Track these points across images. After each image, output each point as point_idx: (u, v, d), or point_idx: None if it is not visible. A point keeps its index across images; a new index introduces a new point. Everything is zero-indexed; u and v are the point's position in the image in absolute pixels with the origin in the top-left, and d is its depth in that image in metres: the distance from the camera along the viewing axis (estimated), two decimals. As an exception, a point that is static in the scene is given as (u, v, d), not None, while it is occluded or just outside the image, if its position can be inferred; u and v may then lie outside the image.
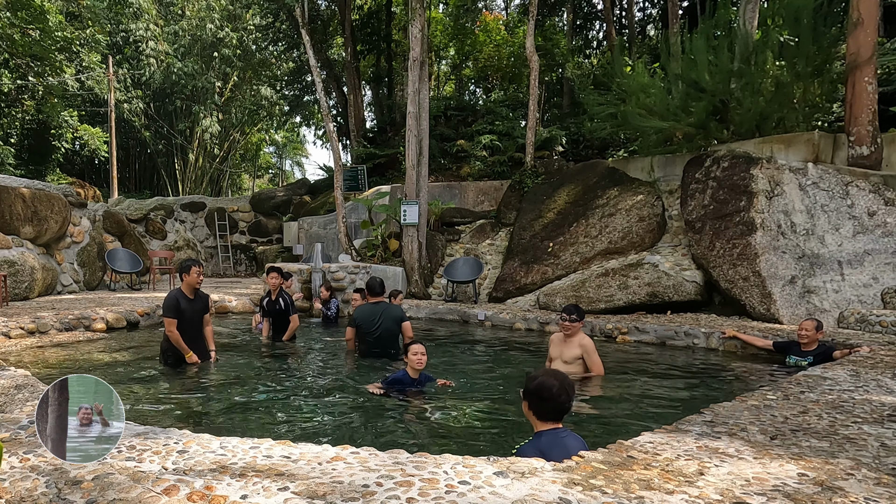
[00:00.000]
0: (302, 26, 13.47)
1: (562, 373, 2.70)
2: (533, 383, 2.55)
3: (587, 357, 4.70)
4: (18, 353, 5.59)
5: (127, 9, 23.32)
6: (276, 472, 2.01)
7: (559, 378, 2.56)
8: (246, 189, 38.13)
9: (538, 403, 2.51)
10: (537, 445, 2.43)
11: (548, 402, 2.48)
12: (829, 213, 7.66)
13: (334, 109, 21.34)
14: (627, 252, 9.26)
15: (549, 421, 2.52)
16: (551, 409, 2.50)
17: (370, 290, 5.91)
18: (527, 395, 2.57)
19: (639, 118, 10.03)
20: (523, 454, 2.33)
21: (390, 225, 12.29)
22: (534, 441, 2.49)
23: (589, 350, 4.70)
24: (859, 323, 6.54)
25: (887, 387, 3.68)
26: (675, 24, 14.15)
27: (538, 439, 2.48)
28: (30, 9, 16.79)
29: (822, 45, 8.43)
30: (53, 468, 2.08)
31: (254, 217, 17.86)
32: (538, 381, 2.54)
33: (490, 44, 22.14)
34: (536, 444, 2.45)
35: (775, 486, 2.01)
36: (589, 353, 4.70)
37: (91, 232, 10.69)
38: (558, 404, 2.48)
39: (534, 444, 2.46)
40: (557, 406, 2.49)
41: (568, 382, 2.55)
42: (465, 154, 15.65)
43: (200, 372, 5.15)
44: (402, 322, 5.78)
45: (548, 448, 2.38)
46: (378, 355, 5.64)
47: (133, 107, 24.13)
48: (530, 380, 2.59)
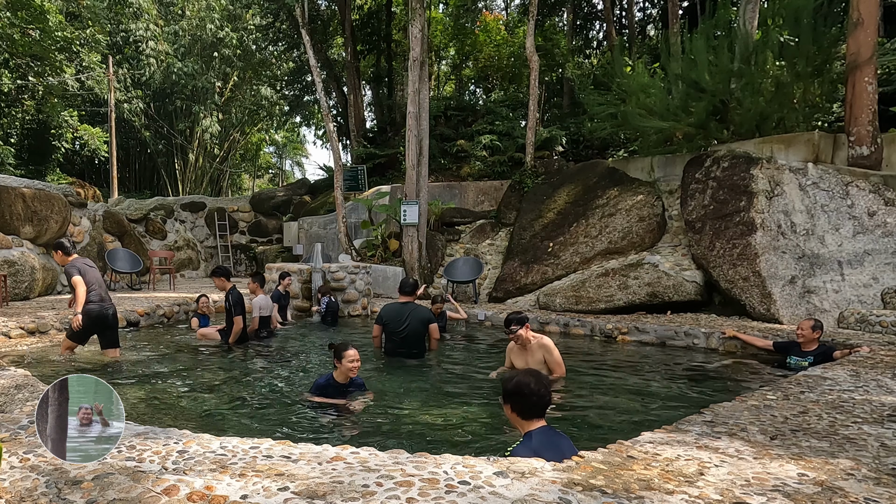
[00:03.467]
0: (302, 26, 13.47)
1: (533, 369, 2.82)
2: (510, 384, 2.63)
3: (548, 357, 4.50)
4: (19, 353, 5.59)
5: (127, 9, 23.30)
6: (276, 472, 2.01)
7: (533, 374, 2.69)
8: (246, 189, 38.11)
9: (520, 402, 2.58)
10: (530, 446, 2.46)
11: (528, 398, 2.55)
12: (829, 213, 7.66)
13: (334, 109, 21.34)
14: (627, 252, 9.26)
15: (533, 418, 2.58)
16: (533, 405, 2.57)
17: (401, 290, 5.88)
18: (508, 398, 2.64)
19: (639, 118, 10.03)
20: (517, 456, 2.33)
21: (390, 225, 12.29)
22: (525, 442, 2.52)
23: (549, 349, 4.50)
24: (859, 323, 6.54)
25: (887, 387, 3.68)
26: (675, 24, 14.15)
27: (529, 440, 2.51)
28: (30, 9, 16.78)
29: (822, 45, 8.43)
30: (53, 468, 2.07)
31: (254, 217, 17.86)
32: (515, 381, 2.63)
33: (490, 44, 22.14)
34: (528, 444, 2.48)
35: (775, 486, 2.01)
36: (549, 352, 4.50)
37: (91, 232, 10.69)
38: (539, 398, 2.56)
39: (526, 444, 2.49)
40: (538, 401, 2.56)
41: (543, 377, 2.68)
42: (465, 154, 15.65)
43: (200, 372, 5.13)
44: (430, 324, 5.77)
45: (541, 447, 2.42)
46: (404, 355, 5.63)
47: (133, 107, 24.11)
48: (506, 383, 2.68)
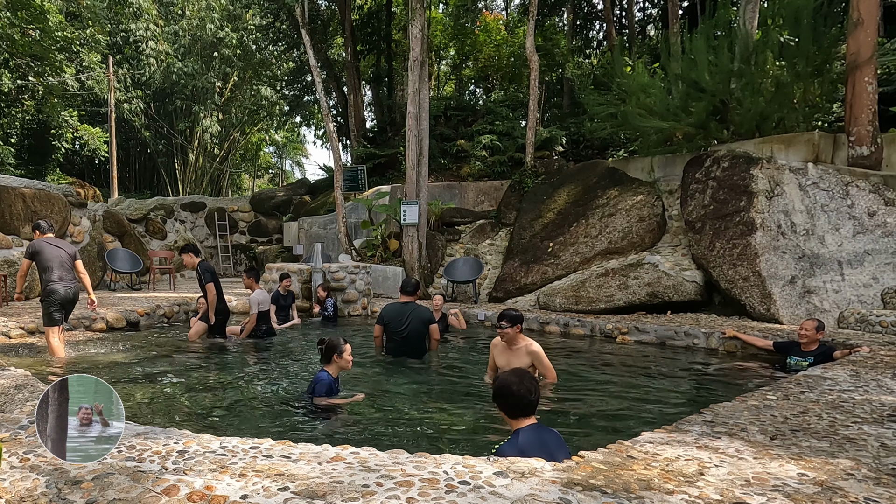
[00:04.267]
0: (302, 26, 13.46)
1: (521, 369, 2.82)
2: (496, 384, 2.68)
3: (538, 364, 4.42)
4: (19, 353, 5.60)
5: (127, 9, 23.29)
6: (276, 472, 2.01)
7: (518, 374, 2.70)
8: (246, 189, 38.11)
9: (504, 402, 2.62)
10: (515, 444, 2.48)
11: (511, 398, 2.58)
12: (829, 213, 7.66)
13: (334, 109, 21.34)
14: (627, 252, 9.26)
15: (520, 417, 2.60)
16: (517, 406, 2.59)
17: (403, 290, 5.86)
18: (495, 399, 2.69)
19: (639, 118, 10.03)
20: (502, 454, 2.38)
21: (390, 225, 12.28)
22: (512, 440, 2.55)
23: (538, 357, 4.42)
24: (859, 323, 6.54)
25: (887, 387, 3.68)
26: (675, 24, 14.15)
27: (516, 438, 2.54)
28: (30, 9, 16.77)
29: (822, 45, 8.43)
30: (53, 468, 2.07)
31: (254, 217, 17.86)
32: (499, 382, 2.67)
33: (490, 44, 22.14)
34: (514, 443, 2.51)
35: (775, 486, 2.01)
36: (539, 359, 4.42)
37: (91, 232, 10.68)
38: (521, 399, 2.57)
39: (512, 443, 2.52)
40: (521, 401, 2.58)
41: (528, 377, 2.67)
42: (465, 154, 15.65)
43: (200, 372, 5.14)
44: (431, 324, 5.76)
45: (527, 445, 2.44)
46: (405, 355, 5.63)
47: (133, 107, 24.10)
48: (495, 383, 2.72)
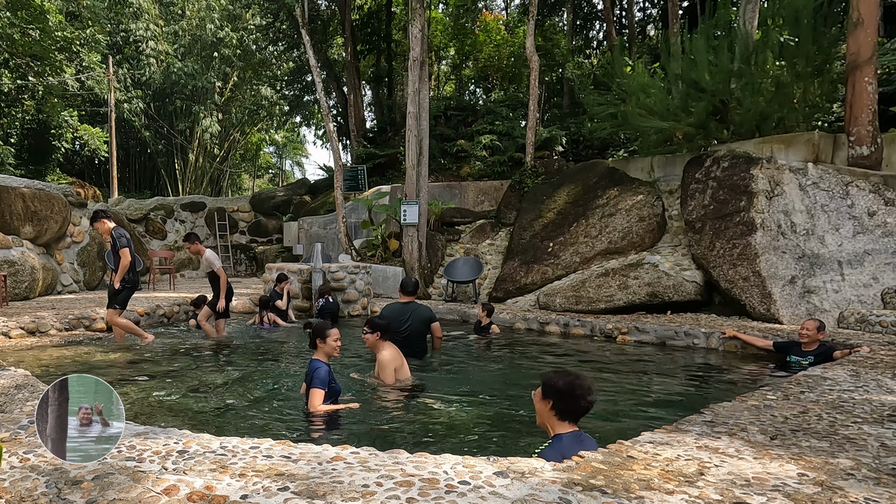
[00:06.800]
0: (302, 26, 13.46)
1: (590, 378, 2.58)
2: (563, 381, 2.44)
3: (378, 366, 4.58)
4: (19, 353, 5.59)
5: (127, 9, 23.29)
6: (276, 472, 2.00)
7: (589, 380, 2.49)
8: (246, 189, 38.10)
9: (567, 402, 2.41)
10: (559, 449, 2.34)
11: (577, 401, 2.40)
12: (829, 213, 7.66)
13: (334, 109, 21.34)
14: (627, 252, 9.26)
15: (567, 422, 2.45)
16: (577, 410, 2.43)
17: (403, 289, 5.86)
18: (552, 394, 2.44)
19: (639, 118, 10.03)
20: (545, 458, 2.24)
21: (390, 225, 12.28)
22: (555, 444, 2.40)
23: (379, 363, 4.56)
24: (859, 323, 6.54)
25: (887, 387, 3.68)
26: (675, 24, 14.15)
27: (559, 442, 2.39)
28: (30, 9, 16.78)
29: (822, 45, 8.43)
30: (53, 468, 2.07)
31: (254, 217, 17.86)
32: (570, 379, 2.44)
33: (490, 44, 22.15)
34: (558, 447, 2.36)
35: (775, 486, 2.01)
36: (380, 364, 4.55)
37: (91, 232, 10.68)
38: (587, 404, 2.42)
39: (555, 447, 2.37)
40: (585, 406, 2.43)
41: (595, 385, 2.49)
42: (465, 154, 15.65)
43: (200, 372, 5.14)
44: (432, 323, 5.77)
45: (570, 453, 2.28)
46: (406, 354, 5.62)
47: (133, 107, 24.10)
48: (557, 378, 2.48)
